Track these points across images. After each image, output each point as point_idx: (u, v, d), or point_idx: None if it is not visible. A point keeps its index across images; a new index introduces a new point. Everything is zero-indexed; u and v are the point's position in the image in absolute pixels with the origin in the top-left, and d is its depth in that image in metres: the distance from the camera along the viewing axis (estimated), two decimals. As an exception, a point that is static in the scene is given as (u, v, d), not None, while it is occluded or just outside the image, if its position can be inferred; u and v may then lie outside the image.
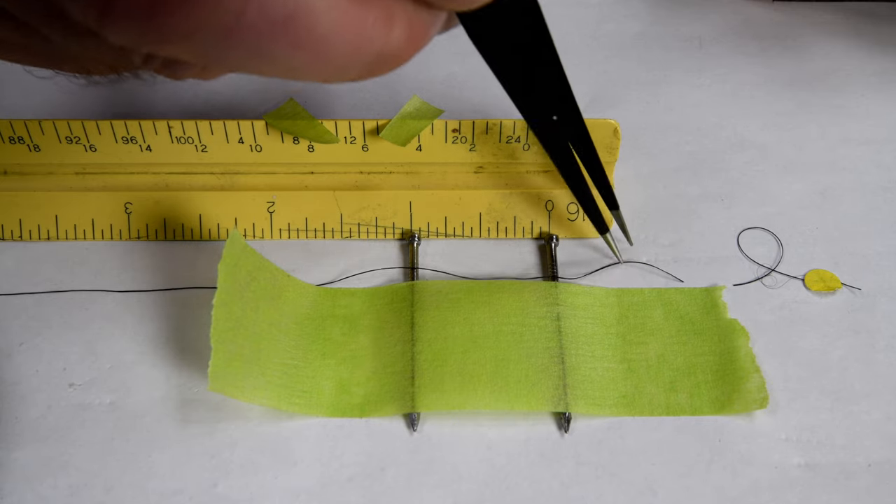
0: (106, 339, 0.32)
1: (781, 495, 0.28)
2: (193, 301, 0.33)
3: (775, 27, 0.46)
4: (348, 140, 0.34)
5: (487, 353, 0.30)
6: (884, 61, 0.44)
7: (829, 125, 0.41)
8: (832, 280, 0.34)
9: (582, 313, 0.32)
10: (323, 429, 0.29)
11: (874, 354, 0.32)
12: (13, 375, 0.31)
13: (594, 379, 0.30)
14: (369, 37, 0.16)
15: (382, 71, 0.17)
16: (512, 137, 0.34)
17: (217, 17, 0.15)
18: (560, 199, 0.35)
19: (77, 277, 0.34)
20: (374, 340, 0.31)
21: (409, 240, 0.35)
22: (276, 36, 0.15)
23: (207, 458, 0.29)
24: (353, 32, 0.16)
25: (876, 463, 0.29)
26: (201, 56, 0.16)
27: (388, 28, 0.17)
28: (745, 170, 0.38)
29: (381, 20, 0.16)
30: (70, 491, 0.28)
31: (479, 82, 0.43)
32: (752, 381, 0.30)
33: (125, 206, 0.35)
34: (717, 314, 0.32)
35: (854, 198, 0.37)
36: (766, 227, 0.36)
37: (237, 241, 0.30)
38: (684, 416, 0.30)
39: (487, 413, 0.30)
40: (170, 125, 0.33)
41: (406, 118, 0.34)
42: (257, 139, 0.34)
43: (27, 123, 0.33)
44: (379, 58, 0.17)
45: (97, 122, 0.33)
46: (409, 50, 0.17)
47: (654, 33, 0.46)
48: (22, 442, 0.29)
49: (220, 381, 0.27)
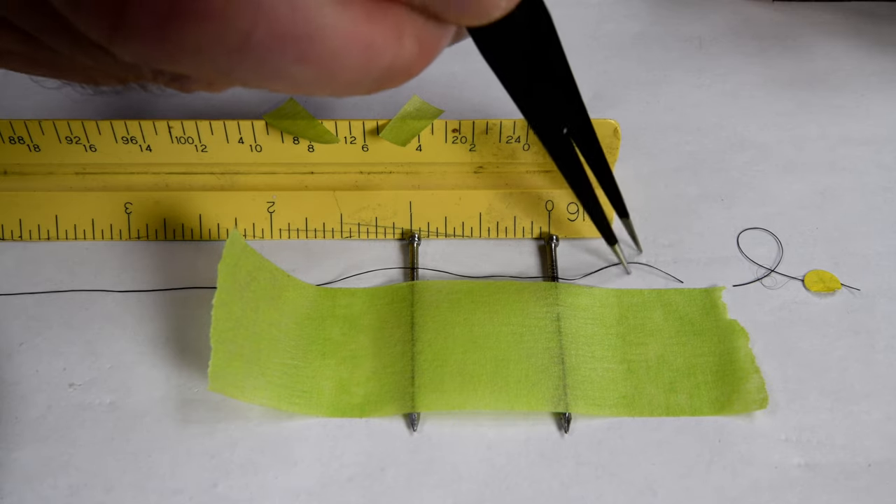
0: (106, 339, 0.32)
1: (781, 495, 0.28)
2: (193, 301, 0.33)
3: (775, 27, 0.46)
4: (348, 140, 0.34)
5: (487, 354, 0.30)
6: (884, 61, 0.44)
7: (829, 125, 0.41)
8: (832, 280, 0.34)
9: (582, 314, 0.32)
10: (323, 429, 0.29)
11: (874, 354, 0.32)
12: (13, 375, 0.31)
13: (594, 379, 0.30)
14: (379, 52, 0.16)
15: (392, 85, 0.17)
16: (512, 137, 0.34)
17: (227, 34, 0.15)
18: (560, 199, 0.35)
19: (77, 277, 0.34)
20: (374, 340, 0.31)
21: (409, 240, 0.35)
22: (286, 52, 0.15)
23: (207, 458, 0.29)
24: (363, 48, 0.16)
25: (876, 463, 0.29)
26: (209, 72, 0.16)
27: (398, 43, 0.16)
28: (745, 170, 0.38)
29: (391, 35, 0.16)
30: (70, 491, 0.28)
31: (479, 82, 0.43)
32: (751, 381, 0.30)
33: (125, 206, 0.35)
34: (717, 315, 0.32)
35: (854, 198, 0.37)
36: (765, 227, 0.36)
37: (237, 241, 0.30)
38: (684, 416, 0.30)
39: (487, 413, 0.30)
40: (170, 125, 0.33)
41: (406, 118, 0.34)
42: (257, 139, 0.34)
43: (27, 123, 0.33)
44: (388, 72, 0.17)
45: (97, 122, 0.33)
46: (419, 64, 0.17)
47: (654, 33, 0.46)
48: (22, 442, 0.29)
49: (220, 381, 0.27)
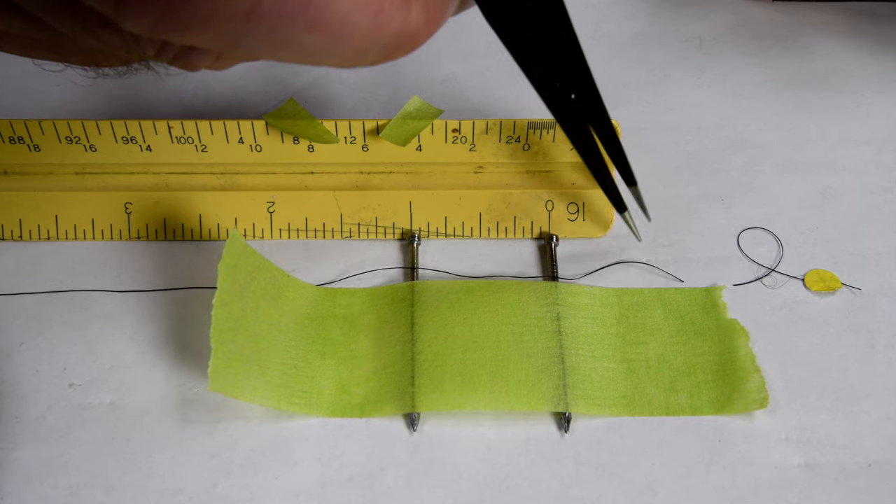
0: (106, 339, 0.32)
1: (781, 495, 0.28)
2: (193, 301, 0.33)
3: (775, 27, 0.46)
4: (348, 140, 0.34)
5: (487, 353, 0.30)
6: (884, 61, 0.44)
7: (829, 125, 0.41)
8: (832, 280, 0.34)
9: (582, 313, 0.32)
10: (323, 429, 0.29)
11: (874, 354, 0.32)
12: (13, 375, 0.31)
13: (594, 379, 0.30)
14: (388, 17, 0.16)
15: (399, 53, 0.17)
16: (512, 137, 0.34)
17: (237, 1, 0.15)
18: (560, 199, 0.35)
19: (77, 277, 0.34)
20: (374, 340, 0.31)
21: (409, 240, 0.35)
22: (295, 18, 0.15)
23: (207, 458, 0.29)
24: (372, 14, 0.16)
25: (876, 463, 0.29)
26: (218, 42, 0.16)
27: (406, 8, 0.16)
28: (744, 170, 0.38)
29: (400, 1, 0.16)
30: (70, 491, 0.28)
31: (479, 82, 0.43)
32: (752, 381, 0.30)
33: (125, 206, 0.35)
34: (717, 314, 0.32)
35: (854, 198, 0.37)
36: (765, 227, 0.36)
37: (237, 241, 0.30)
38: (684, 416, 0.30)
39: (487, 413, 0.30)
40: (170, 125, 0.33)
41: (406, 118, 0.34)
42: (257, 139, 0.34)
43: (27, 123, 0.33)
44: (397, 39, 0.17)
45: (97, 122, 0.33)
46: (427, 30, 0.17)
47: (654, 33, 0.46)
48: (22, 442, 0.29)
49: (220, 381, 0.27)
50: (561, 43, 0.25)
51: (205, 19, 0.15)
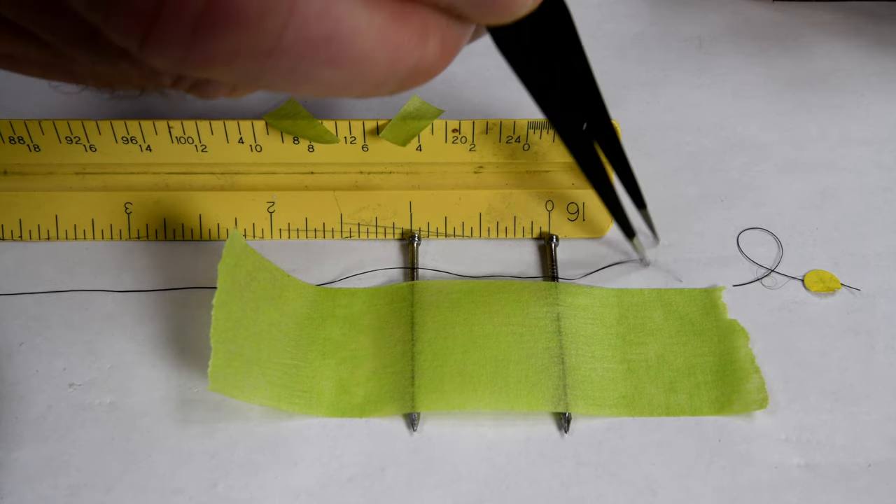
0: (106, 339, 0.32)
1: (781, 495, 0.28)
2: (193, 301, 0.33)
3: (775, 27, 0.46)
4: (348, 140, 0.34)
5: (487, 354, 0.30)
6: (884, 61, 0.44)
7: (829, 125, 0.41)
8: (832, 281, 0.34)
9: (582, 314, 0.32)
10: (323, 429, 0.29)
11: (874, 355, 0.32)
12: (13, 375, 0.31)
13: (594, 379, 0.30)
14: (406, 52, 0.16)
15: (415, 84, 0.17)
16: (512, 137, 0.34)
17: (257, 39, 0.15)
18: (560, 199, 0.35)
19: (77, 277, 0.34)
20: (374, 340, 0.31)
21: (409, 240, 0.35)
22: (316, 55, 0.15)
23: (207, 458, 0.29)
24: (391, 49, 0.16)
25: (876, 463, 0.29)
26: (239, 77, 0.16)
27: (423, 43, 0.17)
28: (744, 170, 0.38)
29: (417, 35, 0.16)
30: (70, 491, 0.28)
31: (479, 82, 0.43)
32: (751, 381, 0.30)
33: (125, 206, 0.35)
34: (717, 315, 0.32)
35: (854, 198, 0.37)
36: (765, 227, 0.36)
37: (237, 241, 0.30)
38: (684, 416, 0.30)
39: (487, 413, 0.30)
40: (170, 125, 0.33)
41: (406, 118, 0.34)
42: (257, 139, 0.34)
43: (27, 123, 0.33)
44: (414, 72, 0.17)
45: (97, 122, 0.33)
46: (443, 63, 0.17)
47: (654, 33, 0.46)
48: (22, 442, 0.29)
49: (220, 381, 0.27)
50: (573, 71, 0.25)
51: (227, 57, 0.15)
